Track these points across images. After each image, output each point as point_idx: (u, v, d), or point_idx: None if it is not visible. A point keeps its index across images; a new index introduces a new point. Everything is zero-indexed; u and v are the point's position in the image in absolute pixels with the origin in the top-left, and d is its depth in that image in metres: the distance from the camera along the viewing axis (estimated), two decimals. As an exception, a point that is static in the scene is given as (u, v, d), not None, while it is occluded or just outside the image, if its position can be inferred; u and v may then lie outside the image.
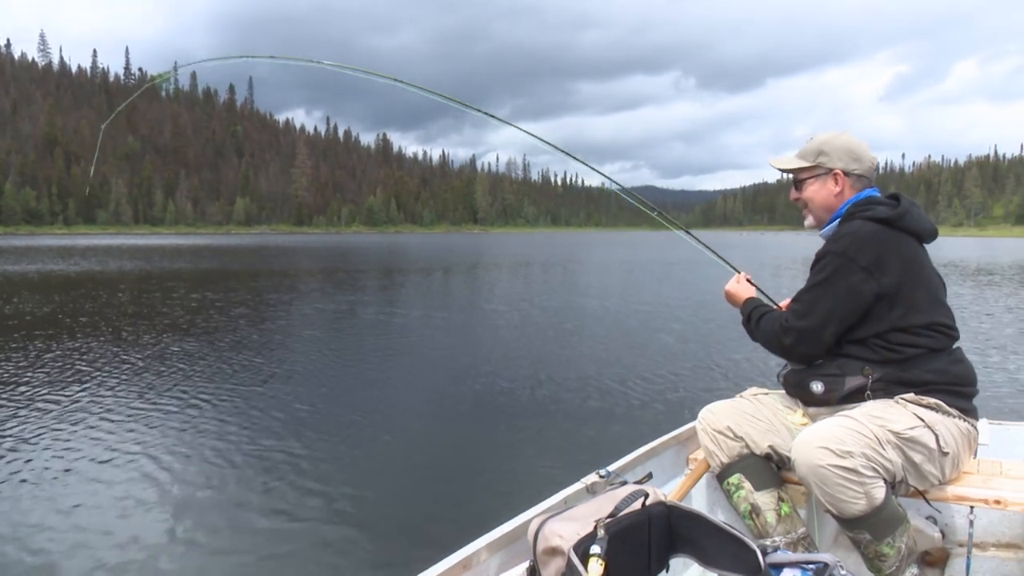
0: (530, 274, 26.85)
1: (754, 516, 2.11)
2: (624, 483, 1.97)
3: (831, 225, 2.13)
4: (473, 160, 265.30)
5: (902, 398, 1.95)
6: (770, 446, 2.14)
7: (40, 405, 6.40)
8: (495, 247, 62.64)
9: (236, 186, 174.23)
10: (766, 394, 2.27)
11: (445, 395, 7.08)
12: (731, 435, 2.16)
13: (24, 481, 4.56)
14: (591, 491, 1.99)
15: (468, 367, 8.36)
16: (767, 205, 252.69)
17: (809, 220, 2.20)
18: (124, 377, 7.63)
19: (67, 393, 6.85)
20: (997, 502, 1.89)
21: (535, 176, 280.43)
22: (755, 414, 2.19)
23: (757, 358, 8.55)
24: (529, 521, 1.73)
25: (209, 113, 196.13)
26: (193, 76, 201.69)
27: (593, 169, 2.80)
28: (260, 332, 11.22)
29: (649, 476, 2.14)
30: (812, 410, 2.12)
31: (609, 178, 2.80)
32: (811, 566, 1.61)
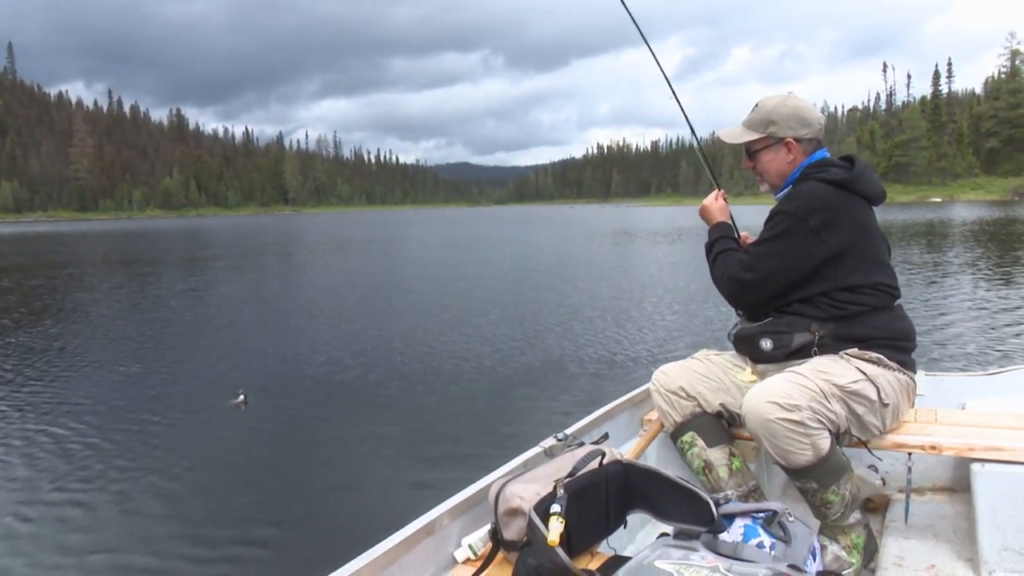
0: (417, 251, 26.87)
1: (707, 472, 2.15)
2: (581, 444, 1.99)
3: (787, 189, 2.17)
4: (280, 137, 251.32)
5: (846, 353, 2.03)
6: (721, 404, 2.18)
7: None
8: (327, 227, 60.51)
9: (0, 168, 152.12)
10: (717, 354, 2.31)
11: (401, 371, 7.01)
12: (684, 395, 2.19)
13: None
14: (549, 454, 1.99)
15: (413, 342, 8.21)
16: (576, 179, 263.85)
17: (765, 187, 2.24)
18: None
19: None
20: (933, 447, 2.01)
21: (347, 154, 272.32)
22: (707, 374, 2.22)
23: (704, 324, 9.07)
24: (490, 485, 1.74)
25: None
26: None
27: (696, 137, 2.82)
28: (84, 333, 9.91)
29: (605, 437, 2.14)
30: (761, 367, 2.18)
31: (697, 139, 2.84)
32: (761, 514, 1.69)
